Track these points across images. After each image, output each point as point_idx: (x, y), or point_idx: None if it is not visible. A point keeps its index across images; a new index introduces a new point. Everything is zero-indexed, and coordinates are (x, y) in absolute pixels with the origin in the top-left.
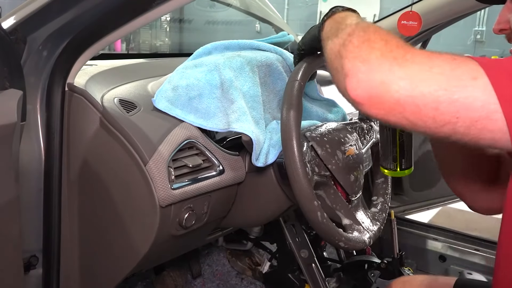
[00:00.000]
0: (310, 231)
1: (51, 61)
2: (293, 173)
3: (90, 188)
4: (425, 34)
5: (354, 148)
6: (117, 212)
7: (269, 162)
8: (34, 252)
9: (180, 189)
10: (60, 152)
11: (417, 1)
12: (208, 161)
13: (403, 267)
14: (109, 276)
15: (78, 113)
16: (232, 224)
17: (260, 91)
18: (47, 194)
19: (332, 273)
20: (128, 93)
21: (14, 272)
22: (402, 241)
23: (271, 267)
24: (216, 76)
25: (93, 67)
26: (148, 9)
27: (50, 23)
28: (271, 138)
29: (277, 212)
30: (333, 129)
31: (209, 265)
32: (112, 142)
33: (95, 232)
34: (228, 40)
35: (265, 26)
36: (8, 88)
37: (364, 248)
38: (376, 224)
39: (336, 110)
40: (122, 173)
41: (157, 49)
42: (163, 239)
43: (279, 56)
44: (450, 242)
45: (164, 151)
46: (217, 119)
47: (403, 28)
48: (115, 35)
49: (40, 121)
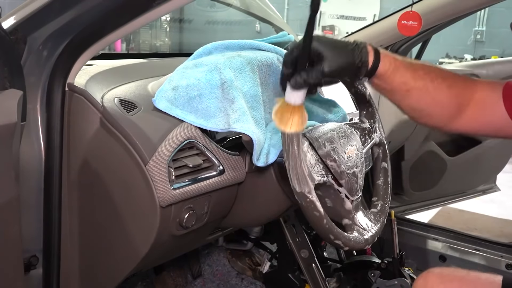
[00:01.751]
0: (310, 231)
1: (51, 61)
2: (293, 173)
3: (90, 188)
4: (425, 34)
5: (354, 148)
6: (117, 212)
7: (269, 162)
8: (34, 252)
9: (180, 189)
10: (60, 152)
11: (417, 1)
12: (208, 161)
13: (403, 267)
14: (109, 276)
15: (78, 113)
16: (232, 224)
17: (261, 91)
18: (47, 194)
19: (332, 273)
20: (128, 93)
21: (14, 272)
22: (402, 241)
23: (271, 267)
24: (217, 76)
25: (93, 67)
26: (148, 9)
27: (50, 23)
28: (271, 138)
29: (277, 212)
30: (333, 129)
31: (209, 265)
32: (112, 142)
33: (95, 232)
34: (228, 40)
35: (265, 26)
36: (8, 88)
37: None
38: (376, 224)
39: (337, 110)
40: (122, 173)
41: (157, 49)
42: (163, 239)
43: (280, 56)
44: (450, 242)
45: (164, 151)
46: (218, 119)
47: (403, 28)
48: (115, 35)
49: (40, 121)
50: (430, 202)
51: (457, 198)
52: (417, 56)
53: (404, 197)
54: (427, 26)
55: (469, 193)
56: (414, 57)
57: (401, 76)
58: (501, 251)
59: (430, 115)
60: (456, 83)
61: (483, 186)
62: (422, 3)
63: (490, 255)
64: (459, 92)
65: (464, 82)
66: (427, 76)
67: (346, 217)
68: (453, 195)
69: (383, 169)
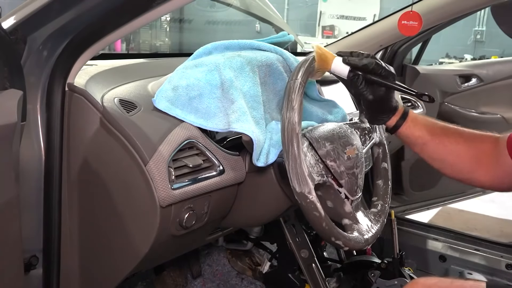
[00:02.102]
0: (310, 231)
1: (51, 61)
2: (293, 173)
3: (90, 188)
4: (425, 34)
5: (354, 148)
6: (117, 212)
7: (269, 162)
8: (34, 252)
9: (180, 189)
10: (60, 152)
11: (417, 1)
12: (208, 161)
13: (403, 267)
14: (109, 276)
15: (78, 113)
16: (232, 224)
17: (260, 91)
18: (47, 194)
19: (332, 273)
20: (128, 93)
21: (14, 272)
22: (402, 241)
23: (271, 267)
24: (217, 76)
25: (93, 67)
26: (148, 9)
27: (50, 23)
28: (271, 138)
29: (277, 212)
30: (334, 129)
31: (209, 265)
32: (112, 142)
33: (95, 232)
34: (228, 40)
35: (265, 26)
36: (8, 88)
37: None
38: (376, 224)
39: (336, 111)
40: (122, 173)
41: (157, 49)
42: (163, 239)
43: (280, 56)
44: (450, 242)
45: (164, 151)
46: (217, 119)
47: (404, 28)
48: (115, 35)
49: (40, 121)
50: (430, 202)
51: (457, 198)
52: (417, 56)
53: (404, 197)
54: (427, 26)
55: (469, 193)
56: (414, 57)
57: (419, 131)
58: (501, 251)
59: (451, 165)
60: (472, 137)
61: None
62: (422, 3)
63: (490, 255)
64: (475, 145)
65: (481, 136)
66: (443, 131)
67: (346, 217)
68: (453, 195)
69: (383, 169)
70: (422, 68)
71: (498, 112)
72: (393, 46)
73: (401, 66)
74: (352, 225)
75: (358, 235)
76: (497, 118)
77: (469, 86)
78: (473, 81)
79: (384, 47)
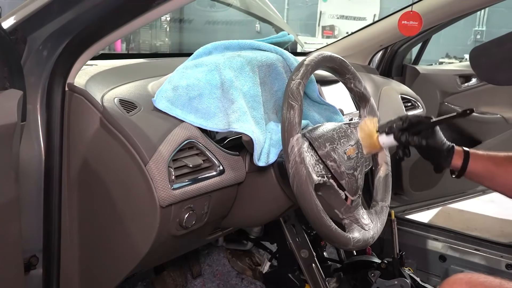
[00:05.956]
0: (310, 231)
1: (51, 61)
2: (293, 173)
3: (90, 188)
4: (425, 34)
5: (354, 148)
6: (117, 212)
7: (270, 162)
8: (34, 252)
9: (181, 189)
10: (60, 152)
11: (417, 1)
12: (208, 161)
13: (403, 267)
14: (109, 276)
15: (78, 113)
16: (232, 224)
17: (260, 91)
18: (47, 194)
19: (332, 273)
20: (128, 93)
21: (14, 272)
22: (402, 241)
23: (271, 267)
24: (217, 76)
25: (93, 67)
26: (148, 9)
27: (50, 23)
28: (271, 138)
29: (277, 212)
30: (333, 129)
31: (209, 265)
32: (112, 142)
33: (95, 232)
34: (228, 40)
35: (265, 26)
36: (8, 88)
37: (364, 248)
38: (376, 224)
39: (335, 118)
40: (122, 173)
41: (157, 49)
42: (163, 239)
43: (279, 56)
44: (450, 242)
45: (164, 151)
46: (218, 119)
47: (404, 28)
48: (115, 35)
49: (40, 121)
50: (430, 202)
51: (457, 198)
52: (417, 56)
53: (404, 197)
54: (427, 26)
55: (469, 193)
56: (414, 57)
57: (485, 166)
58: (501, 251)
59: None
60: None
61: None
62: (422, 3)
63: (490, 255)
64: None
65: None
66: (506, 160)
67: (346, 217)
68: (453, 195)
69: (383, 169)
70: (422, 68)
71: (498, 112)
72: (393, 46)
73: (401, 66)
74: (352, 225)
75: (358, 235)
76: (497, 118)
77: (469, 86)
78: (473, 81)
79: (384, 47)
